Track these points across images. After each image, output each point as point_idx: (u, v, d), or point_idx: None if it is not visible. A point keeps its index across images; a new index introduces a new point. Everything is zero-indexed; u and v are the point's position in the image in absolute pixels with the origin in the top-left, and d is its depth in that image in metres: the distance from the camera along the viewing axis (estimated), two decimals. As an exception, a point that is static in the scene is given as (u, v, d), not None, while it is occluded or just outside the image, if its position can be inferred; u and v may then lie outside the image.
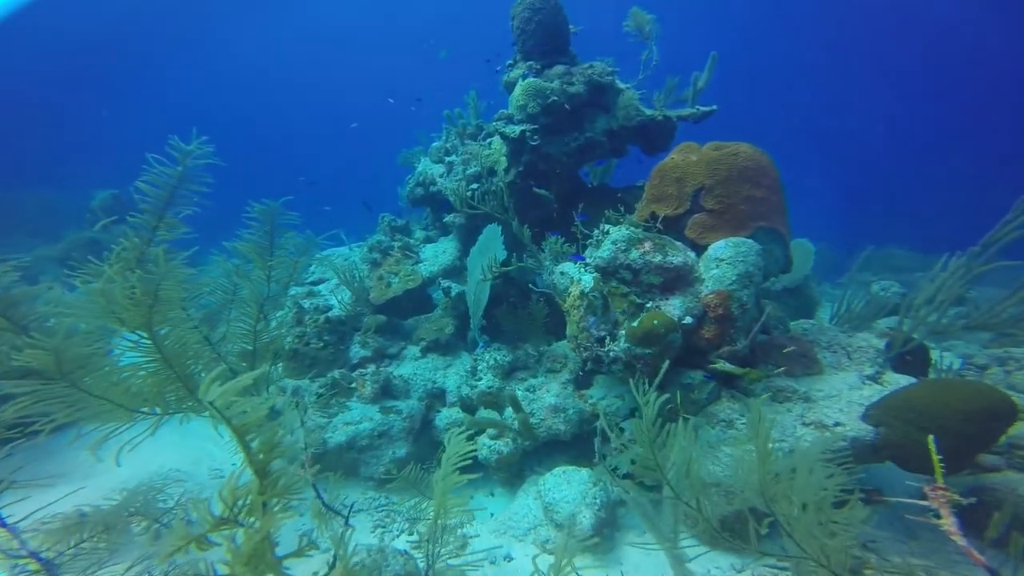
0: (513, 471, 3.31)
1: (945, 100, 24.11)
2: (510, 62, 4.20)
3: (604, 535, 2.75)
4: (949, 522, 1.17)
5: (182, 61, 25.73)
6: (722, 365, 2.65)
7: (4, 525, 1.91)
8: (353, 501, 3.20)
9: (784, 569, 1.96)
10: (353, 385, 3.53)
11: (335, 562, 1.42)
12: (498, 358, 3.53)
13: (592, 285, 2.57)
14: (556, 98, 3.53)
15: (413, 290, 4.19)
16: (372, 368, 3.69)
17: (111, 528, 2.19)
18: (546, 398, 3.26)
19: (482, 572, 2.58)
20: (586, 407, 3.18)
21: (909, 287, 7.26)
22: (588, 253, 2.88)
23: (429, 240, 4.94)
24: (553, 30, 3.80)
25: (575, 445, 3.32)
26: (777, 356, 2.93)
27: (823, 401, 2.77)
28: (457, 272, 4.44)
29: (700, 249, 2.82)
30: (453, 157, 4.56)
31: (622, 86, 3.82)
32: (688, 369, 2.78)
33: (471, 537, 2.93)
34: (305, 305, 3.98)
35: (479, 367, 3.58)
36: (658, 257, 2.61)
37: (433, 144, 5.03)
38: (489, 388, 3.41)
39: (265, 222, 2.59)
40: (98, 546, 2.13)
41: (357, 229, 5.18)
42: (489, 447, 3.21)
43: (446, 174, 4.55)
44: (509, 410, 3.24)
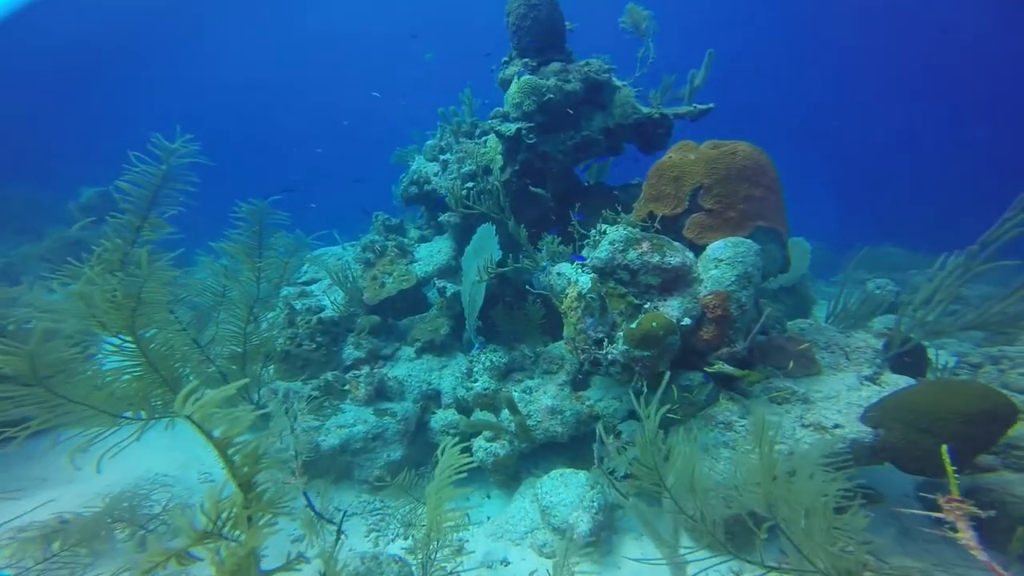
0: (509, 473, 3.27)
1: (940, 99, 24.32)
2: (505, 59, 4.14)
3: (601, 538, 2.73)
4: (968, 536, 1.13)
5: (175, 61, 25.50)
6: (721, 367, 2.62)
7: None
8: (347, 506, 3.15)
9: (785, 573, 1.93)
10: (346, 387, 3.47)
11: (325, 576, 1.37)
12: (494, 359, 3.48)
13: (590, 286, 2.52)
14: (552, 96, 3.47)
15: (408, 290, 4.12)
16: (366, 370, 3.63)
17: (93, 535, 2.12)
18: (543, 400, 3.22)
19: (478, 578, 2.53)
20: (583, 409, 3.14)
21: (904, 285, 7.31)
22: (585, 253, 2.83)
23: (424, 239, 4.88)
24: (549, 27, 3.74)
25: (572, 447, 3.29)
26: (776, 357, 2.91)
27: (822, 402, 2.75)
28: (452, 272, 4.38)
29: (698, 249, 2.78)
30: (448, 155, 4.50)
31: (619, 83, 3.77)
32: (686, 370, 2.75)
33: (467, 541, 2.89)
34: (297, 306, 3.90)
35: (475, 369, 3.53)
36: (656, 258, 2.57)
37: (427, 142, 4.96)
38: (485, 390, 3.36)
39: (253, 222, 2.52)
40: (78, 554, 2.06)
41: (350, 228, 5.11)
42: (485, 449, 3.17)
43: (441, 172, 4.48)
44: (505, 412, 3.19)
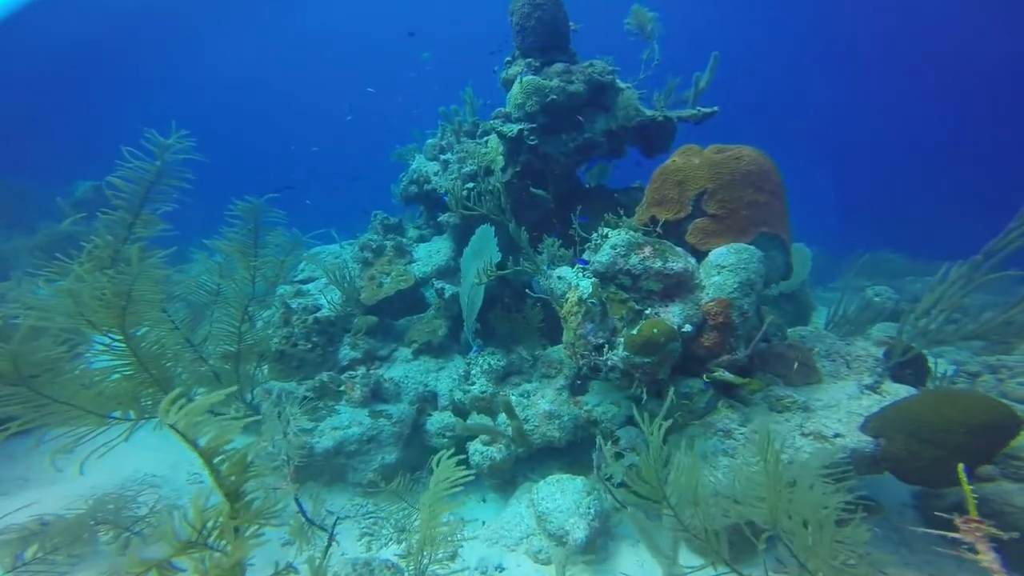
0: (506, 477, 3.24)
1: (939, 104, 24.41)
2: (508, 59, 4.10)
3: (598, 545, 2.70)
4: (989, 558, 1.10)
5: (174, 60, 25.36)
6: (721, 374, 2.59)
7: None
8: (339, 509, 3.10)
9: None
10: (342, 388, 3.42)
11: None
12: (492, 362, 3.45)
13: (590, 291, 2.49)
14: (555, 97, 3.44)
15: (405, 291, 4.08)
16: (362, 370, 3.58)
17: (74, 538, 2.06)
18: (541, 404, 3.18)
19: (473, 584, 2.50)
20: (581, 414, 3.11)
21: (902, 292, 7.31)
22: (586, 257, 2.80)
23: (423, 239, 4.83)
24: (553, 27, 3.70)
25: (569, 452, 3.25)
26: (776, 365, 2.88)
27: (822, 411, 2.73)
28: (451, 273, 4.34)
29: (701, 255, 2.75)
30: (448, 155, 4.45)
31: (622, 85, 3.74)
32: (686, 377, 2.72)
33: (462, 546, 2.85)
34: (293, 305, 3.85)
35: (472, 371, 3.49)
36: (658, 263, 2.54)
37: (428, 141, 4.91)
38: (482, 393, 3.32)
39: (248, 220, 2.47)
40: (55, 560, 1.99)
41: (348, 226, 5.06)
42: (482, 453, 3.13)
43: (441, 172, 4.44)
44: (503, 416, 3.16)
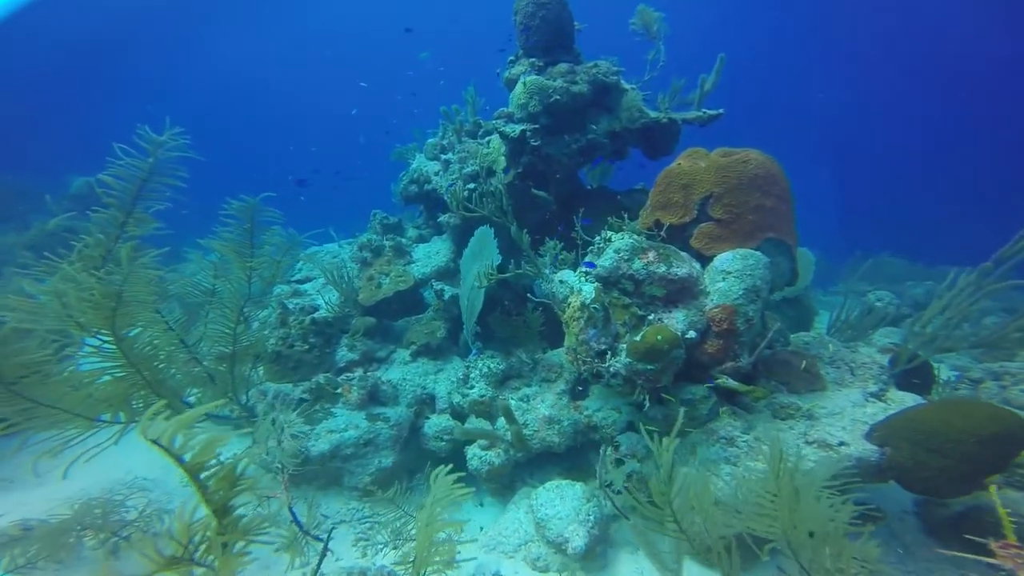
0: (504, 482, 3.20)
1: (939, 106, 24.42)
2: (511, 58, 4.04)
3: (597, 552, 2.66)
4: None
5: (175, 58, 25.23)
6: (725, 381, 2.55)
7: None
8: (334, 513, 3.05)
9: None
10: (339, 390, 3.37)
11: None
12: (491, 366, 3.40)
13: (593, 296, 2.44)
14: (559, 97, 3.39)
15: (404, 291, 4.03)
16: (359, 372, 3.53)
17: (57, 544, 1.99)
18: (540, 409, 3.14)
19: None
20: (581, 419, 3.07)
21: (902, 296, 7.28)
22: (589, 260, 2.75)
23: (422, 239, 4.78)
24: (558, 26, 3.65)
25: (569, 457, 3.21)
26: (780, 372, 2.84)
27: (826, 419, 2.69)
28: (451, 274, 4.29)
29: (705, 260, 2.71)
30: (450, 155, 4.40)
31: (626, 86, 3.69)
32: (689, 384, 2.68)
33: (459, 552, 2.81)
34: (290, 305, 3.80)
35: (471, 375, 3.44)
36: (662, 268, 2.49)
37: (428, 140, 4.86)
38: (481, 397, 3.28)
39: (244, 219, 2.41)
40: (38, 564, 1.93)
41: (347, 226, 5.00)
42: (480, 458, 3.09)
43: (442, 172, 4.39)
44: (501, 419, 3.11)
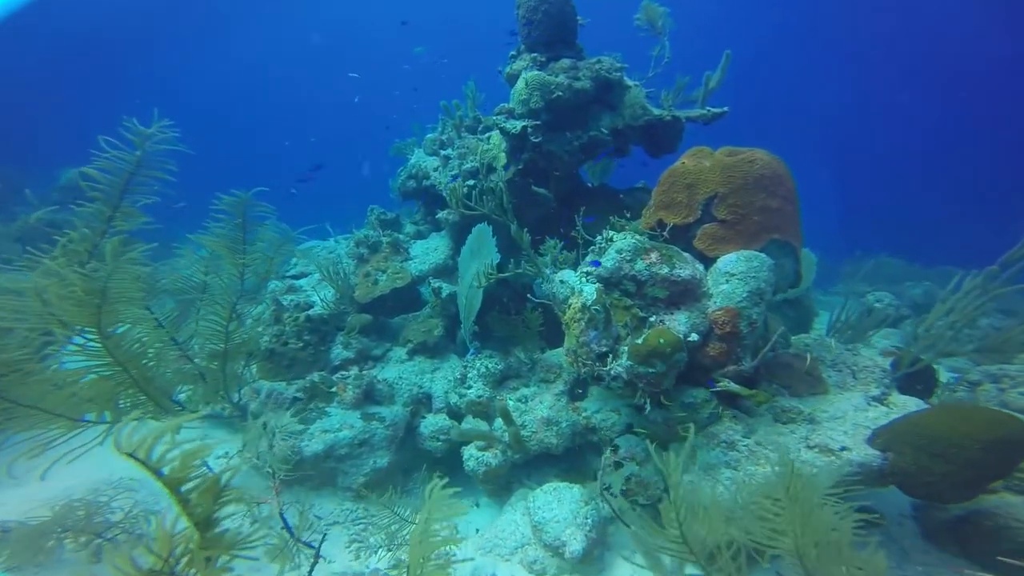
0: (501, 483, 3.16)
1: (938, 106, 24.43)
2: (513, 53, 3.97)
3: (595, 556, 2.63)
4: None
5: (171, 56, 24.94)
6: (727, 385, 2.51)
7: None
8: (328, 514, 3.01)
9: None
10: (333, 389, 3.32)
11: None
12: (489, 366, 3.35)
13: (594, 297, 2.39)
14: (561, 93, 3.32)
15: (401, 288, 3.97)
16: (355, 371, 3.48)
17: (35, 548, 1.92)
18: (538, 410, 3.09)
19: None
20: (580, 420, 3.03)
21: (900, 297, 7.27)
22: (590, 259, 2.70)
23: (420, 235, 4.71)
24: (561, 21, 3.58)
25: (566, 459, 3.18)
26: (782, 375, 2.81)
27: (828, 423, 2.66)
28: (449, 271, 4.23)
29: (709, 261, 2.66)
30: (449, 151, 4.33)
31: (630, 83, 3.63)
32: (690, 387, 2.64)
33: (455, 554, 2.77)
34: (284, 302, 3.73)
35: (469, 375, 3.39)
36: (665, 269, 2.44)
37: (427, 135, 4.79)
38: (479, 397, 3.23)
39: (236, 214, 2.34)
40: (14, 567, 1.86)
41: (343, 221, 4.93)
42: (476, 459, 3.05)
43: (441, 168, 4.32)
44: (499, 419, 3.07)
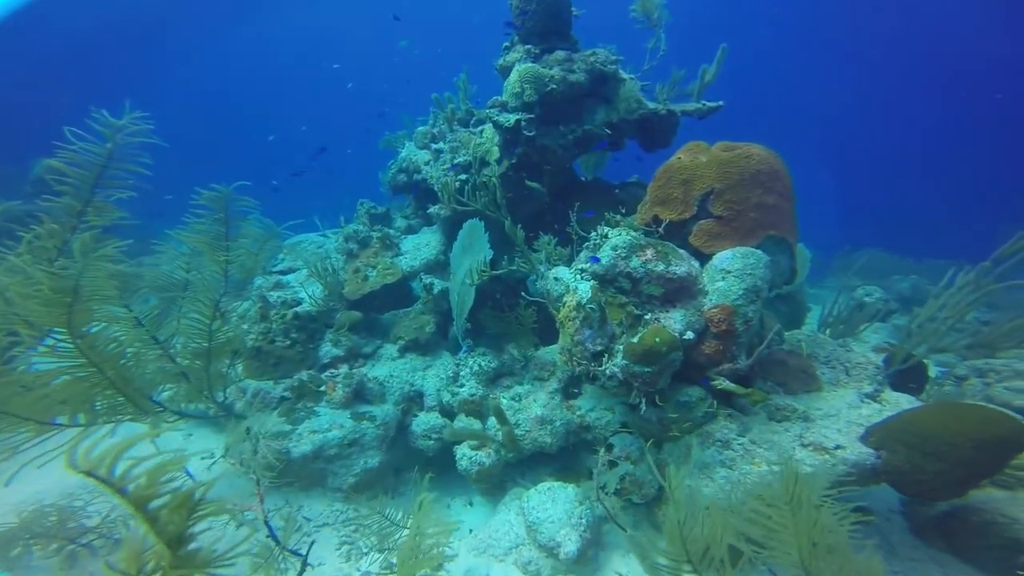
0: (494, 482, 3.12)
1: (933, 102, 24.64)
2: (506, 44, 3.88)
3: (589, 556, 2.61)
4: None
5: (169, 51, 24.30)
6: (722, 383, 2.49)
7: None
8: (317, 515, 2.95)
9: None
10: (322, 388, 3.24)
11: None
12: (482, 364, 3.29)
13: (589, 295, 2.34)
14: (555, 86, 3.25)
15: (392, 284, 3.89)
16: (344, 369, 3.40)
17: (2, 554, 1.84)
18: (532, 408, 3.05)
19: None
20: (574, 419, 3.00)
21: (889, 291, 7.34)
22: (585, 256, 2.65)
23: (411, 230, 4.63)
24: (555, 11, 3.49)
25: (560, 457, 3.15)
26: (777, 372, 2.79)
27: (821, 420, 2.66)
28: (441, 267, 4.16)
29: (704, 258, 2.62)
30: (440, 144, 4.24)
31: (625, 76, 3.57)
32: (685, 385, 2.61)
33: (447, 557, 2.73)
34: (271, 298, 3.64)
35: (462, 373, 3.33)
36: (660, 266, 2.40)
37: (418, 128, 4.68)
38: (472, 396, 3.18)
39: (217, 210, 2.24)
40: None
41: (332, 215, 4.82)
42: (469, 458, 3.00)
43: (432, 162, 4.23)
44: (492, 419, 3.02)
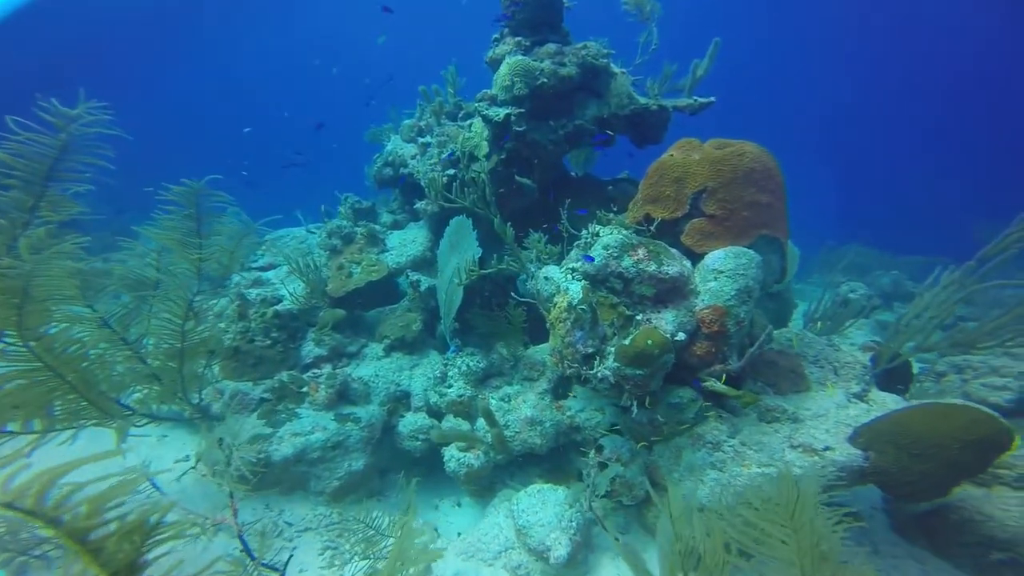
0: (483, 484, 3.06)
1: (916, 97, 25.03)
2: (496, 36, 3.77)
3: (579, 559, 2.58)
4: None
5: (168, 51, 23.55)
6: (713, 385, 2.46)
7: None
8: (300, 519, 2.85)
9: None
10: (304, 389, 3.14)
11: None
12: (471, 364, 3.22)
13: (580, 296, 2.28)
14: (546, 80, 3.17)
15: (377, 281, 3.78)
16: (327, 369, 3.30)
17: None
18: (522, 409, 2.99)
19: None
20: (564, 419, 2.95)
21: (871, 287, 7.47)
22: (576, 255, 2.58)
23: (397, 225, 4.51)
24: (547, 2, 3.40)
25: (550, 458, 3.11)
26: (767, 373, 2.78)
27: (810, 421, 2.66)
28: (428, 263, 4.05)
29: (696, 257, 2.59)
30: (428, 138, 4.13)
31: (616, 70, 3.50)
32: (676, 386, 2.58)
33: (435, 558, 2.67)
34: (250, 296, 3.50)
35: (450, 373, 3.26)
36: (652, 266, 2.35)
37: (404, 121, 4.55)
38: (460, 397, 3.10)
39: (187, 205, 2.11)
40: None
41: (315, 209, 4.66)
42: (458, 460, 2.94)
43: (419, 156, 4.11)
44: (481, 420, 2.96)
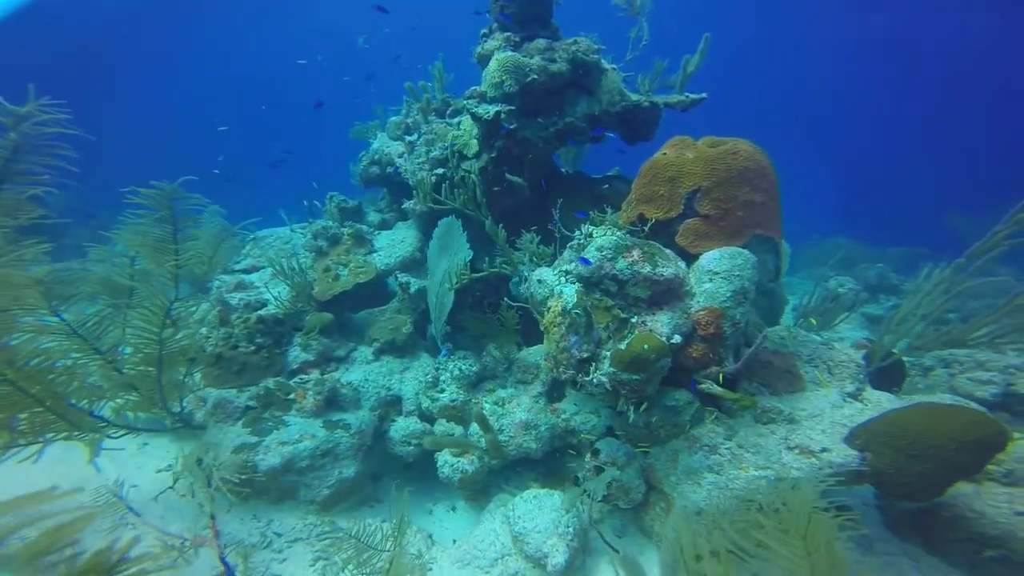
0: (478, 488, 3.01)
1: (930, 102, 25.24)
2: (485, 31, 3.68)
3: (576, 565, 2.54)
4: None
5: (167, 50, 22.89)
6: (709, 387, 2.42)
7: None
8: (289, 530, 2.77)
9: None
10: (292, 396, 3.04)
11: None
12: (463, 368, 3.15)
13: (575, 301, 2.23)
14: (536, 76, 3.09)
15: (365, 284, 3.69)
16: (315, 375, 3.21)
17: None
18: (516, 413, 2.94)
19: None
20: (559, 423, 2.90)
21: (857, 280, 7.52)
22: (569, 256, 2.52)
23: (385, 224, 4.40)
24: (536, -4, 3.32)
25: (545, 462, 3.06)
26: (762, 373, 2.76)
27: (806, 421, 2.64)
28: (418, 264, 3.96)
29: (691, 258, 2.54)
30: (415, 136, 4.03)
31: (607, 66, 3.43)
32: (672, 388, 2.54)
33: (431, 568, 2.61)
34: (232, 301, 3.38)
35: (442, 377, 3.19)
36: (647, 268, 2.30)
37: (391, 118, 4.44)
38: (453, 401, 3.04)
39: (160, 209, 1.99)
40: None
41: (299, 208, 4.53)
42: (452, 465, 2.88)
43: (407, 154, 4.01)
44: (475, 425, 2.90)
